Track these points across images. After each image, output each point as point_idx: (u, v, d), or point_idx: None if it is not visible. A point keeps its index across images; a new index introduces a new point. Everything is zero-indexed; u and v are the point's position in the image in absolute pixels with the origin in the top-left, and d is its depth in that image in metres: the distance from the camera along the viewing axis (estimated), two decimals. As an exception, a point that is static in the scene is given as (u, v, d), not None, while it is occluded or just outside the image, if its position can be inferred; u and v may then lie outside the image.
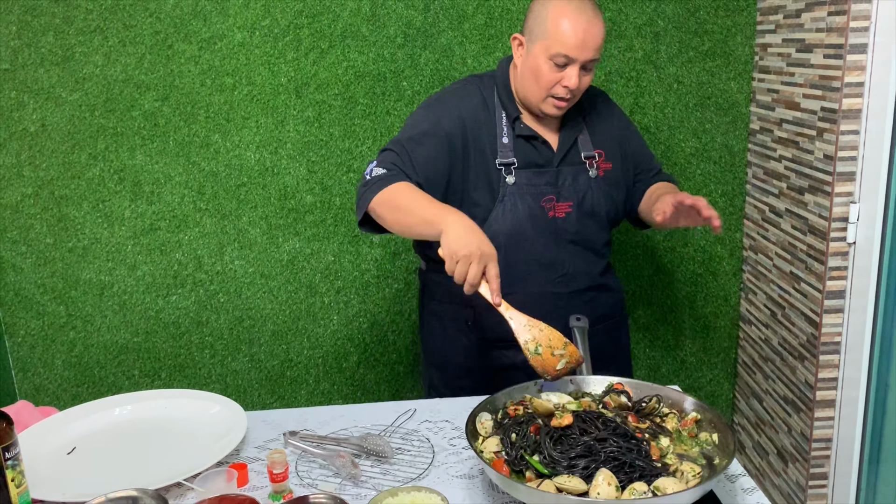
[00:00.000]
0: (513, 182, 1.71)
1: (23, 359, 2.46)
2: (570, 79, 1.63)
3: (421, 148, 1.67)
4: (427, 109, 1.75)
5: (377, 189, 1.60)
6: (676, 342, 2.66)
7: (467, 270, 1.41)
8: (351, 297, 2.51)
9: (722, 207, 2.55)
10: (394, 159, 1.66)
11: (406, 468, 1.40)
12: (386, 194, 1.59)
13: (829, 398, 2.15)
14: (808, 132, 2.12)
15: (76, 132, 2.32)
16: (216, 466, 1.35)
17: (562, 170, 1.75)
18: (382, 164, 1.66)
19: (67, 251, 2.39)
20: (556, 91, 1.65)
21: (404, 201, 1.56)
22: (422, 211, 1.53)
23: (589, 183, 1.77)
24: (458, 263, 1.42)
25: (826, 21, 2.01)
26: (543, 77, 1.64)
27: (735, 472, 1.38)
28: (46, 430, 1.51)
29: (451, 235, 1.44)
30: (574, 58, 1.61)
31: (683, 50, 2.42)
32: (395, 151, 1.67)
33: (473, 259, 1.41)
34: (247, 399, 2.56)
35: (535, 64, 1.65)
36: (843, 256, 2.06)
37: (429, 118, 1.71)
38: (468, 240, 1.42)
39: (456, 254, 1.42)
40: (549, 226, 1.74)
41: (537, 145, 1.73)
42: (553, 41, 1.61)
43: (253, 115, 2.35)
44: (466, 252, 1.41)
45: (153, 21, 2.26)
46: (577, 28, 1.59)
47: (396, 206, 1.57)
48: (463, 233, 1.43)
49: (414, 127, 1.71)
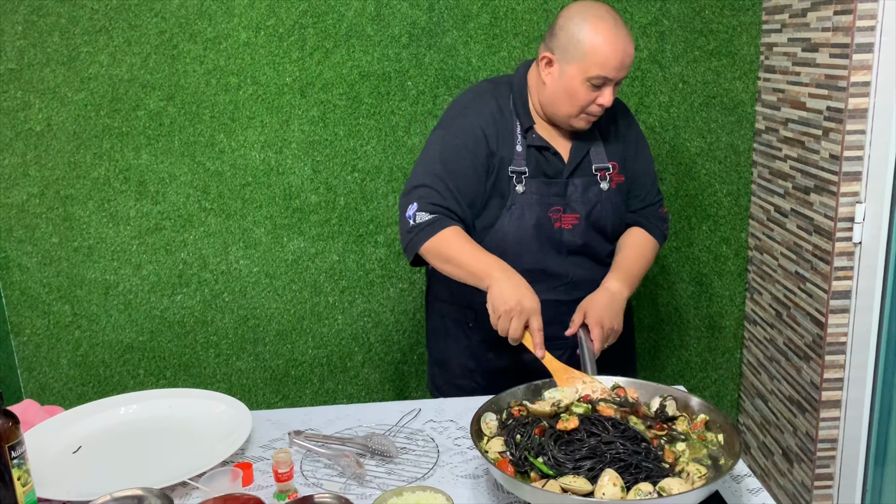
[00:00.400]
0: (522, 191, 1.70)
1: (28, 358, 2.46)
2: (606, 98, 1.63)
3: (456, 178, 1.67)
4: (450, 133, 1.72)
5: (425, 237, 1.62)
6: (681, 342, 2.66)
7: (509, 325, 1.49)
8: (355, 297, 2.51)
9: (727, 207, 2.54)
10: (435, 199, 1.65)
11: (411, 468, 1.40)
12: (433, 244, 1.62)
13: (834, 398, 2.14)
14: (814, 132, 2.12)
15: (81, 132, 2.32)
16: (221, 466, 1.36)
17: (571, 181, 1.73)
18: (424, 207, 1.65)
19: (73, 250, 2.40)
20: (591, 110, 1.65)
21: (452, 252, 1.60)
22: (468, 265, 1.58)
23: (599, 195, 1.75)
24: (500, 318, 1.50)
25: (832, 20, 2.01)
26: (579, 98, 1.63)
27: (740, 473, 1.38)
28: (52, 429, 1.52)
29: (494, 291, 1.51)
30: (613, 79, 1.61)
31: (689, 49, 2.41)
32: (434, 189, 1.66)
33: (514, 314, 1.48)
34: (252, 398, 2.56)
35: (570, 85, 1.63)
36: (848, 256, 2.05)
37: (455, 143, 1.69)
38: (510, 296, 1.49)
39: (497, 309, 1.50)
40: (554, 236, 1.73)
41: (548, 156, 1.72)
42: (592, 63, 1.59)
43: (258, 114, 2.36)
44: (506, 308, 1.49)
45: (158, 21, 2.27)
46: (617, 49, 1.59)
47: (445, 258, 1.61)
48: (506, 288, 1.50)
49: (444, 154, 1.69)
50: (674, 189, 2.52)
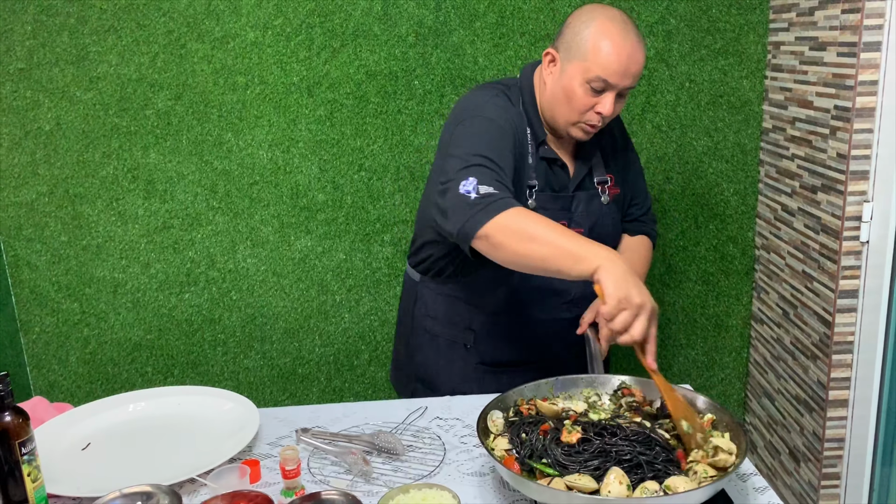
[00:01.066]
0: (533, 207, 1.61)
1: (38, 355, 2.48)
2: (606, 105, 1.52)
3: (504, 159, 1.50)
4: (483, 119, 1.56)
5: (493, 211, 1.37)
6: (688, 341, 2.65)
7: (633, 322, 1.27)
8: (362, 295, 2.52)
9: (734, 206, 2.54)
10: (495, 176, 1.45)
11: (417, 465, 1.40)
12: (508, 219, 1.37)
13: (841, 398, 2.14)
14: (822, 131, 2.11)
15: (90, 131, 2.34)
16: (229, 463, 1.36)
17: (576, 195, 1.67)
18: (486, 181, 1.43)
19: (81, 249, 2.41)
20: (589, 117, 1.55)
21: (538, 230, 1.35)
22: (566, 243, 1.34)
23: (601, 209, 1.70)
24: (624, 311, 1.27)
25: (840, 19, 2.00)
26: (577, 101, 1.53)
27: (747, 472, 1.38)
28: (61, 426, 1.53)
29: (618, 275, 1.27)
30: (613, 84, 1.50)
31: (696, 48, 2.41)
32: (488, 167, 1.46)
33: (643, 311, 1.27)
34: (259, 396, 2.57)
35: (568, 85, 1.53)
36: (856, 255, 2.05)
37: (493, 125, 1.55)
38: (639, 289, 1.28)
39: (629, 301, 1.26)
40: None
41: (556, 169, 1.65)
42: (593, 63, 1.49)
43: (265, 113, 2.36)
44: (640, 301, 1.26)
45: (166, 20, 2.28)
46: (622, 53, 1.48)
47: (529, 236, 1.35)
48: (629, 276, 1.28)
49: (484, 137, 1.52)
50: (680, 188, 2.52)
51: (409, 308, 1.86)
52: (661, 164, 2.49)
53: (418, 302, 1.82)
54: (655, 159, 2.49)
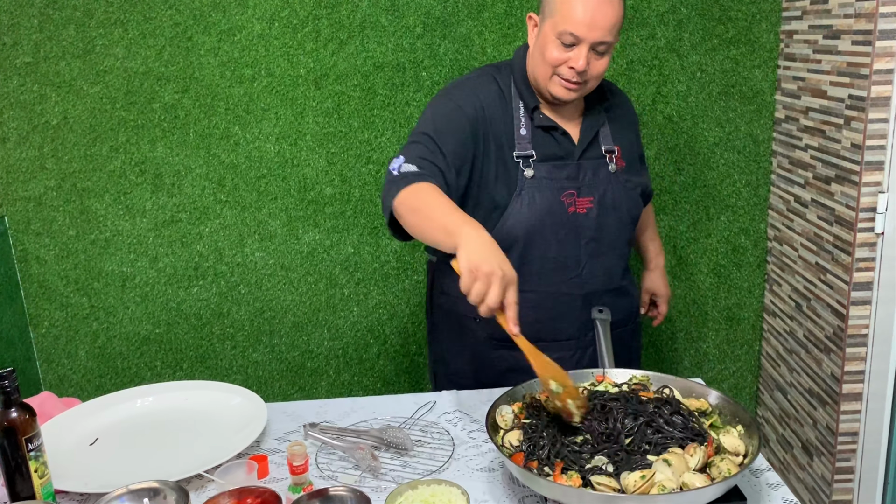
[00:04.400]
0: (531, 175, 1.63)
1: (47, 350, 2.48)
2: (577, 60, 1.53)
3: (448, 137, 1.59)
4: (446, 98, 1.67)
5: (402, 185, 1.50)
6: (699, 334, 2.63)
7: (486, 291, 1.28)
8: (371, 289, 2.51)
9: (746, 197, 2.51)
10: (422, 152, 1.57)
11: (426, 461, 1.39)
12: (408, 193, 1.48)
13: (855, 391, 2.11)
14: (836, 121, 2.08)
15: (97, 125, 2.33)
16: (237, 458, 1.36)
17: (583, 163, 1.67)
18: (411, 159, 1.55)
19: (90, 243, 2.41)
20: (562, 72, 1.57)
21: (424, 203, 1.45)
22: (442, 217, 1.41)
23: (609, 178, 1.69)
24: (476, 281, 1.28)
25: (854, 6, 1.97)
26: (550, 56, 1.56)
27: (760, 467, 1.36)
28: (69, 422, 1.53)
29: (470, 248, 1.31)
30: (581, 37, 1.52)
31: (707, 38, 2.38)
32: (424, 144, 1.58)
33: (495, 279, 1.27)
34: (267, 390, 2.57)
35: (543, 43, 1.57)
36: (870, 247, 2.02)
37: (449, 106, 1.64)
38: (490, 257, 1.30)
39: (478, 269, 1.28)
40: (569, 222, 1.65)
41: (557, 137, 1.65)
42: (560, 18, 1.53)
43: (272, 106, 2.35)
44: (488, 269, 1.27)
45: (173, 13, 2.26)
46: (588, 5, 1.51)
47: (415, 208, 1.46)
48: (484, 248, 1.31)
49: (436, 116, 1.64)
50: (692, 179, 2.49)
51: (428, 290, 1.91)
52: (672, 155, 2.47)
53: (435, 282, 1.87)
54: (666, 150, 2.46)
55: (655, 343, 2.63)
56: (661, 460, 1.17)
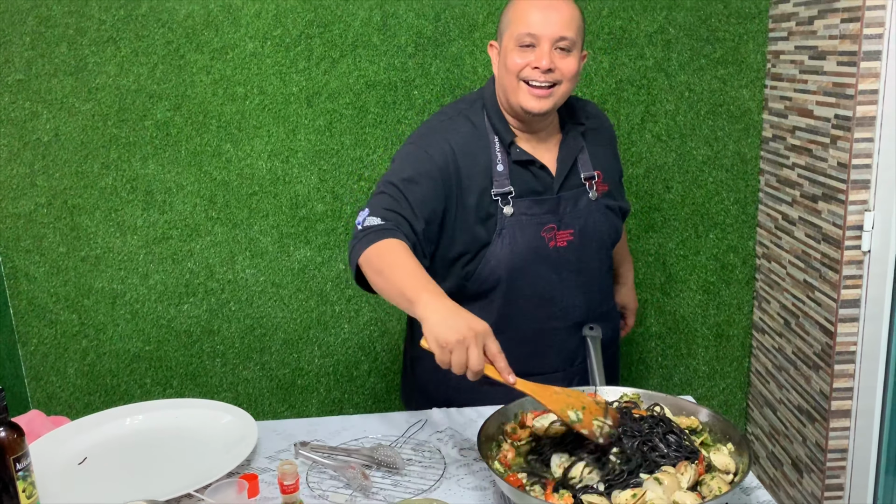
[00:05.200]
0: (511, 213, 1.59)
1: (35, 367, 2.47)
2: (541, 59, 1.51)
3: (415, 187, 1.54)
4: (415, 146, 1.61)
5: (366, 243, 1.45)
6: (689, 351, 2.64)
7: (466, 357, 1.22)
8: (362, 306, 2.51)
9: (735, 215, 2.53)
10: (389, 204, 1.52)
11: (417, 480, 1.39)
12: (371, 252, 1.43)
13: (844, 408, 2.13)
14: (822, 140, 2.11)
15: (89, 142, 2.33)
16: (227, 477, 1.35)
17: (562, 195, 1.63)
18: (376, 212, 1.50)
19: (80, 260, 2.41)
20: (528, 75, 1.53)
21: (385, 264, 1.40)
22: (400, 282, 1.36)
23: (589, 206, 1.66)
24: (452, 353, 1.22)
25: (839, 28, 2.00)
26: (513, 63, 1.54)
27: (750, 485, 1.36)
28: (58, 441, 1.51)
29: (433, 322, 1.26)
30: (538, 34, 1.50)
31: (695, 58, 2.41)
32: (389, 195, 1.53)
33: (469, 342, 1.22)
34: (258, 408, 2.56)
35: (504, 55, 1.56)
36: (857, 265, 2.04)
37: (418, 155, 1.59)
38: (455, 323, 1.24)
39: (448, 342, 1.22)
40: (551, 257, 1.63)
41: (535, 171, 1.61)
42: (515, 24, 1.53)
43: (264, 124, 2.36)
44: (458, 337, 1.22)
45: (165, 31, 2.28)
46: (539, 4, 1.52)
47: (378, 269, 1.41)
48: (446, 316, 1.26)
49: (404, 166, 1.58)
50: (681, 197, 2.51)
51: (409, 319, 1.86)
52: (661, 174, 2.49)
53: (415, 327, 1.79)
54: (655, 168, 2.48)
55: (645, 360, 2.64)
56: (652, 479, 1.18)
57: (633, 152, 2.46)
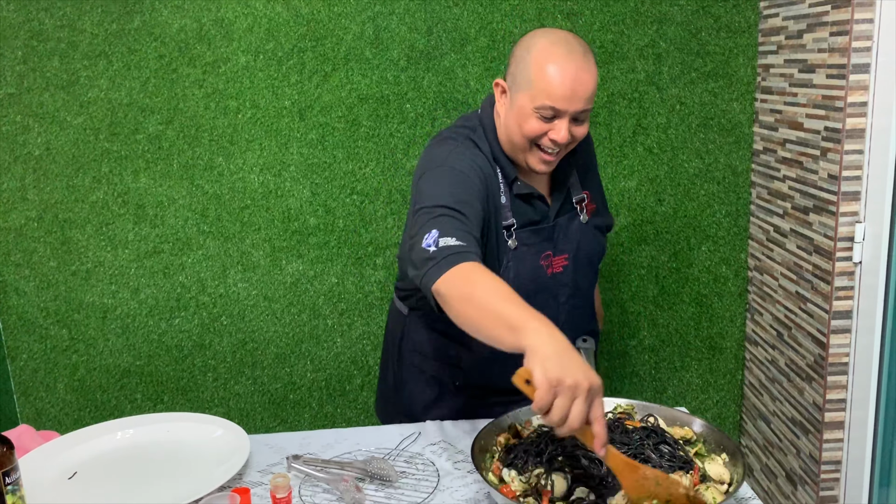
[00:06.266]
0: (514, 247, 1.56)
1: (25, 382, 2.45)
2: (559, 132, 1.45)
3: (470, 207, 1.44)
4: (447, 168, 1.50)
5: (445, 267, 1.29)
6: (682, 363, 2.64)
7: (569, 407, 1.07)
8: (354, 320, 2.50)
9: (726, 228, 2.54)
10: (455, 224, 1.38)
11: (411, 492, 1.38)
12: (454, 276, 1.28)
13: (837, 420, 2.13)
14: (812, 152, 2.12)
15: (80, 156, 2.32)
16: (219, 491, 1.34)
17: (558, 222, 1.62)
18: (448, 232, 1.35)
19: (71, 274, 2.39)
20: (543, 143, 1.48)
21: (477, 289, 1.25)
22: (501, 308, 1.20)
23: (581, 229, 1.65)
24: (558, 397, 1.07)
25: (828, 41, 2.02)
26: (529, 130, 1.47)
27: (745, 496, 1.36)
28: (47, 455, 1.50)
29: (545, 353, 1.10)
30: (562, 110, 1.43)
31: (685, 71, 2.43)
32: (451, 216, 1.40)
33: (580, 392, 1.07)
34: (250, 422, 2.54)
35: (519, 115, 1.47)
36: (849, 276, 2.05)
37: (457, 177, 1.48)
38: (572, 365, 1.09)
39: (560, 382, 1.07)
40: (549, 284, 1.61)
41: (534, 202, 1.59)
42: (538, 91, 1.43)
43: (257, 137, 2.36)
44: (572, 382, 1.07)
45: (157, 45, 2.28)
46: (566, 77, 1.41)
47: (466, 296, 1.25)
48: (562, 353, 1.11)
49: (452, 189, 1.46)
50: (672, 210, 2.52)
51: (395, 341, 1.80)
52: (653, 186, 2.50)
53: (405, 337, 1.77)
54: (647, 181, 2.49)
55: (639, 373, 2.63)
56: None
57: (624, 165, 2.47)
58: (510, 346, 1.16)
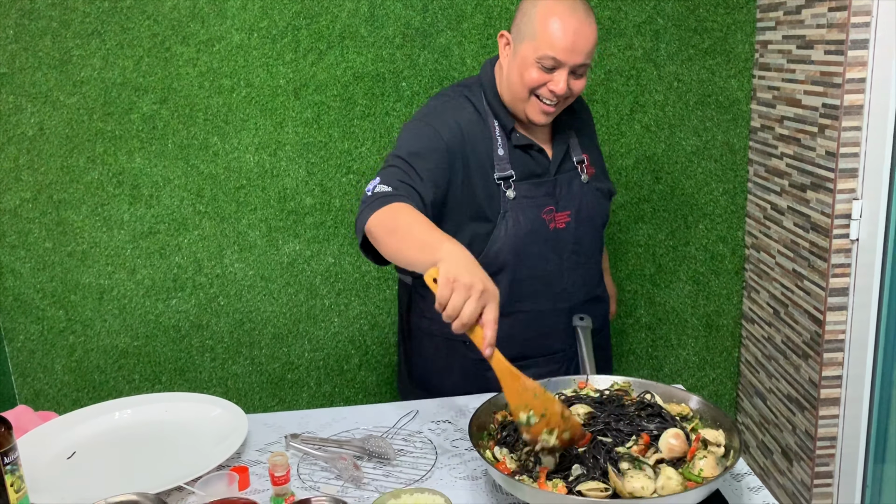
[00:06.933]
0: (513, 196, 1.60)
1: (22, 364, 2.45)
2: (558, 83, 1.52)
3: (423, 161, 1.54)
4: (422, 122, 1.61)
5: (376, 207, 1.43)
6: (679, 341, 2.65)
7: (462, 305, 1.19)
8: (351, 299, 2.50)
9: (724, 206, 2.54)
10: (397, 175, 1.51)
11: (409, 470, 1.39)
12: (383, 213, 1.41)
13: (833, 396, 2.14)
14: (810, 129, 2.11)
15: (74, 136, 2.31)
16: (217, 470, 1.34)
17: (559, 178, 1.66)
18: (386, 181, 1.50)
19: (66, 255, 2.38)
20: (542, 93, 1.55)
21: (401, 223, 1.38)
22: (420, 235, 1.33)
23: (582, 188, 1.69)
24: (453, 293, 1.19)
25: (827, 17, 2.00)
26: (529, 79, 1.54)
27: (741, 472, 1.37)
28: (46, 435, 1.50)
29: (451, 261, 1.23)
30: (563, 61, 1.51)
31: (683, 48, 2.41)
32: (398, 167, 1.53)
33: (474, 292, 1.19)
34: (248, 402, 2.55)
35: (521, 65, 1.54)
36: (846, 253, 2.05)
37: (426, 131, 1.59)
38: (473, 270, 1.22)
39: (456, 279, 1.19)
40: (551, 239, 1.65)
41: (534, 154, 1.64)
42: (541, 42, 1.50)
43: (252, 116, 2.34)
44: (468, 281, 1.19)
45: (151, 24, 2.25)
46: (567, 29, 1.49)
47: (392, 228, 1.38)
48: (465, 262, 1.23)
49: (412, 140, 1.58)
50: (669, 188, 2.51)
51: (403, 313, 1.85)
52: (650, 164, 2.49)
53: (413, 305, 1.80)
54: (644, 159, 2.48)
55: (635, 351, 2.64)
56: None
57: (622, 143, 2.46)
58: (427, 263, 1.27)
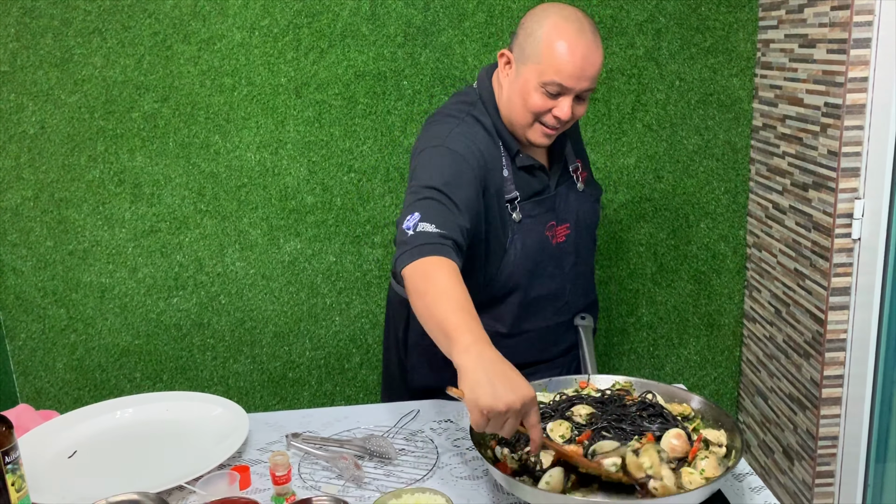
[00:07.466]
0: (519, 220, 1.56)
1: (24, 362, 2.45)
2: (563, 109, 1.46)
3: (459, 190, 1.44)
4: (445, 148, 1.50)
5: (416, 255, 1.34)
6: (680, 340, 2.65)
7: (503, 427, 1.15)
8: (353, 298, 2.50)
9: (725, 204, 2.53)
10: (436, 208, 1.40)
11: (410, 469, 1.39)
12: (421, 267, 1.32)
13: (835, 396, 2.13)
14: (812, 128, 2.11)
15: (75, 134, 2.31)
16: (218, 469, 1.34)
17: (558, 192, 1.63)
18: (427, 217, 1.38)
19: (68, 254, 2.38)
20: (547, 120, 1.49)
21: (431, 288, 1.29)
22: (442, 314, 1.25)
23: (578, 197, 1.66)
24: (490, 422, 1.14)
25: (829, 16, 2.00)
26: (533, 105, 1.47)
27: (742, 471, 1.37)
28: (47, 434, 1.50)
29: (475, 379, 1.15)
30: (569, 87, 1.44)
31: (685, 47, 2.41)
32: (435, 199, 1.42)
33: (511, 415, 1.14)
34: (249, 401, 2.55)
35: (524, 89, 1.47)
36: (847, 253, 2.05)
37: (453, 158, 1.48)
38: (501, 391, 1.13)
39: (492, 410, 1.12)
40: (555, 255, 1.62)
41: (536, 173, 1.59)
42: (546, 66, 1.43)
43: (253, 115, 2.34)
44: (502, 409, 1.12)
45: (152, 22, 2.25)
46: (576, 54, 1.41)
47: (423, 291, 1.30)
48: (491, 377, 1.14)
49: (442, 168, 1.47)
50: (671, 187, 2.51)
51: (398, 333, 1.77)
52: (652, 163, 2.49)
53: (411, 325, 1.72)
54: (646, 158, 2.48)
55: (637, 350, 2.64)
56: None
57: (623, 142, 2.46)
58: (445, 353, 1.23)
